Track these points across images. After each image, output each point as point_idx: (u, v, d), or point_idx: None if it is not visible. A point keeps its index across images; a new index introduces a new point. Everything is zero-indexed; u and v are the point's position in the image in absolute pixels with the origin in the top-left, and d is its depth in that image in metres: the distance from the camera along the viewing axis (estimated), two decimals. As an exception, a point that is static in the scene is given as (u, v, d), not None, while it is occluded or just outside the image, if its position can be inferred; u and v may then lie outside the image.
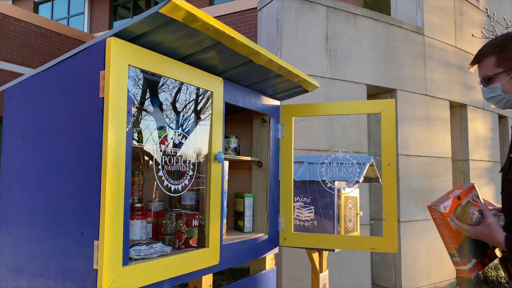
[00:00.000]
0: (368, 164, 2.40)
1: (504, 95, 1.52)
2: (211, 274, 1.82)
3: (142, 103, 1.98)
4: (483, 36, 4.82)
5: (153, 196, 2.21)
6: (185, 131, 1.82)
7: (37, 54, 9.00)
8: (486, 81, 1.55)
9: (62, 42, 9.54)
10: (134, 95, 1.84)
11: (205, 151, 1.78)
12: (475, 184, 1.65)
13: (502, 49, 1.50)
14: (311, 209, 2.41)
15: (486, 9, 4.66)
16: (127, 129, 1.35)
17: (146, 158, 1.75)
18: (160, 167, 1.56)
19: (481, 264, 1.60)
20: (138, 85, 1.89)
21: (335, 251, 2.36)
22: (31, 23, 8.94)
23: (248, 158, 2.26)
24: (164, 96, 2.10)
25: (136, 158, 1.54)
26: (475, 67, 1.58)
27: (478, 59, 1.57)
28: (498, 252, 1.47)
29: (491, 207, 1.52)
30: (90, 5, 13.27)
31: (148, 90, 2.04)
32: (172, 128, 1.88)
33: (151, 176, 2.14)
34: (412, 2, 5.42)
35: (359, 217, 2.68)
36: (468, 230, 1.49)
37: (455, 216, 1.50)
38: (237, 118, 2.50)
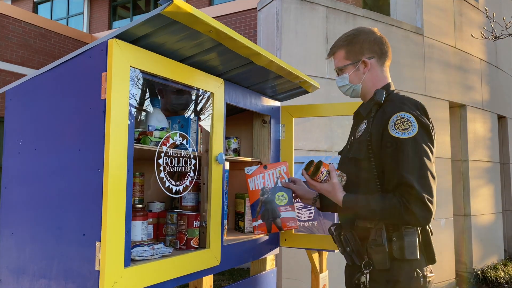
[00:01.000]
0: (368, 165, 2.41)
1: (351, 84, 1.68)
2: (212, 275, 1.82)
3: (143, 104, 1.99)
4: (482, 37, 4.82)
5: (154, 197, 2.21)
6: (186, 132, 1.83)
7: (37, 54, 8.99)
8: (338, 72, 1.71)
9: (62, 42, 9.53)
10: (135, 96, 1.85)
11: (205, 152, 1.78)
12: (287, 163, 2.03)
13: (350, 43, 1.66)
14: (311, 209, 2.42)
15: (486, 10, 4.67)
16: (129, 130, 1.35)
17: (147, 159, 1.75)
18: (161, 168, 1.57)
19: (266, 227, 1.95)
20: (139, 86, 1.89)
21: (335, 251, 2.37)
22: (31, 23, 8.92)
23: (249, 159, 2.27)
24: (165, 97, 2.10)
25: (138, 159, 1.54)
26: (331, 58, 1.74)
27: (332, 51, 1.72)
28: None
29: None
30: (90, 5, 13.26)
31: (149, 91, 2.04)
32: (173, 129, 1.88)
33: (152, 177, 2.14)
34: (411, 3, 5.43)
35: (359, 217, 2.68)
36: (316, 186, 1.66)
37: (306, 172, 1.67)
38: (237, 119, 2.50)
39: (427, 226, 1.51)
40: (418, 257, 1.44)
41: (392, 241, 1.45)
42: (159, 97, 2.04)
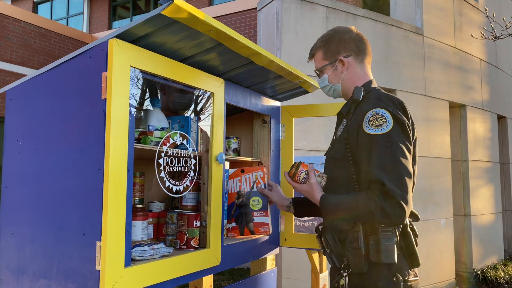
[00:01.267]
0: (368, 165, 2.40)
1: (331, 85, 1.67)
2: (212, 275, 1.82)
3: (143, 103, 1.99)
4: (482, 37, 4.83)
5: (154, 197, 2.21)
6: (186, 132, 1.83)
7: (37, 54, 8.99)
8: (318, 73, 1.71)
9: (62, 42, 9.53)
10: (135, 96, 1.85)
11: (206, 152, 1.78)
12: (265, 168, 2.07)
13: (326, 43, 1.66)
14: (312, 209, 2.41)
15: (486, 10, 4.67)
16: (129, 130, 1.35)
17: (147, 159, 1.75)
18: (161, 168, 1.57)
19: (239, 230, 1.99)
20: (139, 86, 1.89)
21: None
22: (31, 23, 8.92)
23: (249, 159, 2.27)
24: (165, 97, 2.10)
25: (138, 159, 1.54)
26: (312, 60, 1.74)
27: (311, 53, 1.73)
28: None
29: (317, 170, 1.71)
30: (89, 5, 13.26)
31: (149, 91, 2.04)
32: (173, 129, 1.88)
33: (153, 177, 2.14)
34: (411, 3, 5.43)
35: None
36: (296, 186, 1.67)
37: (288, 174, 1.69)
38: (237, 119, 2.50)
39: (408, 228, 1.47)
40: (396, 261, 1.39)
41: (369, 244, 1.41)
42: (159, 96, 2.04)
